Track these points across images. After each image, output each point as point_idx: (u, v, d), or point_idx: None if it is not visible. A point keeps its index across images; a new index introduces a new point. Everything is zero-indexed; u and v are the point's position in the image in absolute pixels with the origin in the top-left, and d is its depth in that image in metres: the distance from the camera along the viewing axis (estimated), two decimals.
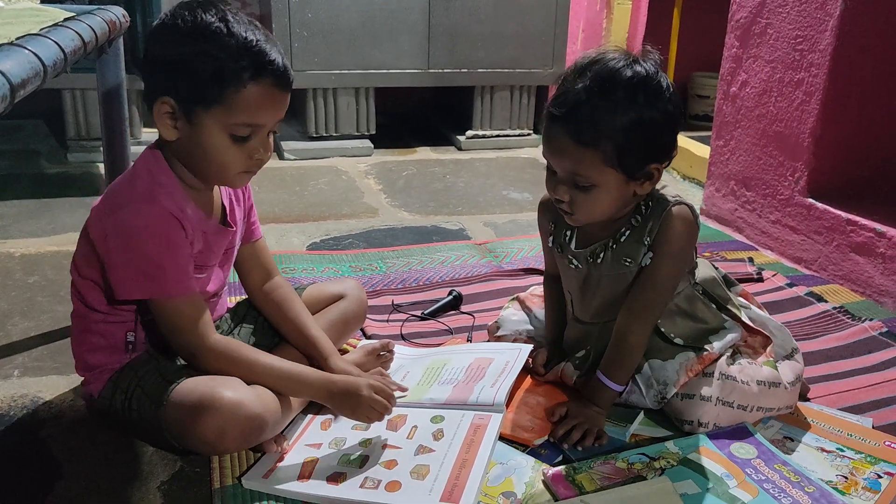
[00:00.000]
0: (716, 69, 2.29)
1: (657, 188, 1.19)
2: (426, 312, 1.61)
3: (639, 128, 1.07)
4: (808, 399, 1.30)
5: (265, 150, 1.08)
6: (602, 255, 1.20)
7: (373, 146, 3.00)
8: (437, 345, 1.47)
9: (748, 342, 1.25)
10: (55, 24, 1.15)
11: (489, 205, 2.44)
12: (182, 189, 1.10)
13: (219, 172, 1.09)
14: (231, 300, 1.38)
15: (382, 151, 3.02)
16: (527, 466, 1.09)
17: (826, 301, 1.71)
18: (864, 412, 1.27)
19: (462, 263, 1.89)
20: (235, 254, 1.24)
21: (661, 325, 1.20)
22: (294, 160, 2.86)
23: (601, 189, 1.11)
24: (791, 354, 1.27)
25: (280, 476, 1.06)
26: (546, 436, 1.15)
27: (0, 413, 1.22)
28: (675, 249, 1.16)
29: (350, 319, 1.38)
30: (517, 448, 1.13)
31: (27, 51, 0.91)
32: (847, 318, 1.63)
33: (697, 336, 1.20)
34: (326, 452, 1.11)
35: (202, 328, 1.09)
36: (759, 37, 2.07)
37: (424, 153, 3.07)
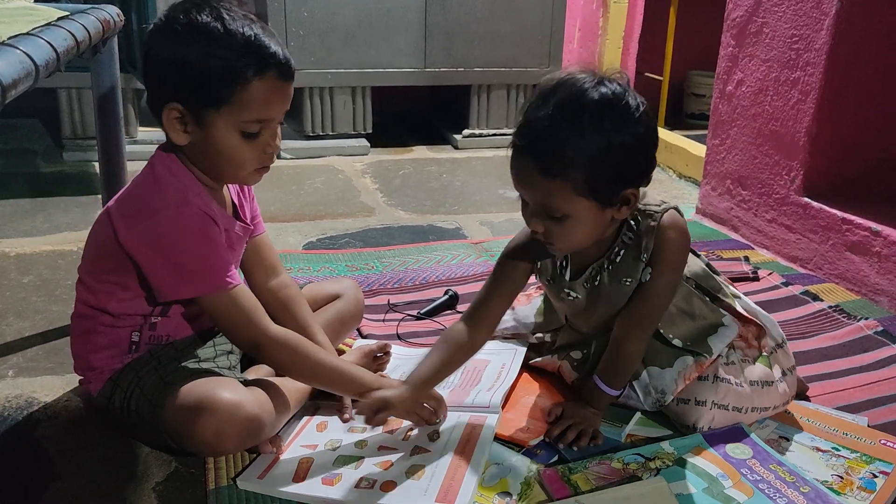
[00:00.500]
0: (712, 68, 2.29)
1: (642, 195, 1.14)
2: (422, 312, 1.60)
3: (608, 154, 1.00)
4: (808, 398, 1.31)
5: (275, 141, 1.09)
6: (599, 277, 1.18)
7: (369, 145, 2.99)
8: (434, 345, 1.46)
9: (742, 334, 1.24)
10: (48, 24, 1.14)
11: (485, 204, 2.44)
12: (205, 189, 1.10)
13: (235, 171, 1.09)
14: None
15: (379, 150, 3.02)
16: (522, 467, 1.09)
17: (822, 300, 1.71)
18: (860, 411, 1.27)
19: (458, 263, 1.88)
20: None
21: (660, 327, 1.19)
22: (290, 159, 2.86)
23: (575, 219, 1.05)
24: (781, 344, 1.26)
25: (275, 477, 1.06)
26: (542, 436, 1.15)
27: None
28: (674, 260, 1.14)
29: (347, 319, 1.38)
30: (513, 448, 1.13)
31: (19, 51, 0.91)
32: (843, 317, 1.63)
33: (696, 336, 1.19)
34: (322, 453, 1.11)
35: (262, 318, 1.09)
36: (755, 36, 2.07)
37: (421, 152, 3.07)
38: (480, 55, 3.02)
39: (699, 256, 1.28)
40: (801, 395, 1.30)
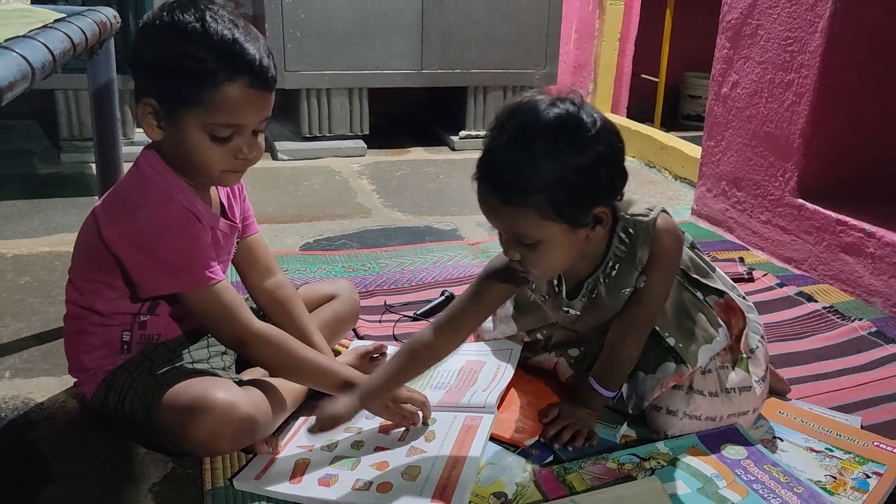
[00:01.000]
0: (708, 69, 2.30)
1: (627, 203, 1.12)
2: (419, 313, 1.61)
3: (566, 178, 0.97)
4: (798, 398, 1.31)
5: (251, 150, 1.07)
6: (597, 291, 1.17)
7: (366, 146, 3.00)
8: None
9: (726, 318, 1.21)
10: (44, 26, 1.14)
11: None
12: (188, 186, 1.10)
13: (202, 171, 1.08)
14: None
15: (376, 152, 3.02)
16: (518, 467, 1.09)
17: (816, 301, 1.72)
18: (853, 412, 1.28)
19: (455, 264, 1.89)
20: (233, 251, 1.24)
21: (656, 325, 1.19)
22: (288, 160, 2.86)
23: (547, 244, 1.02)
24: (760, 343, 1.24)
25: (272, 477, 1.06)
26: (537, 436, 1.16)
27: None
28: (669, 265, 1.14)
29: (343, 319, 1.38)
30: (508, 449, 1.14)
31: (15, 53, 0.91)
32: (837, 318, 1.64)
33: (688, 333, 1.19)
34: (318, 454, 1.11)
35: (245, 314, 1.09)
36: (750, 38, 2.08)
37: (418, 153, 3.07)
38: (477, 57, 3.02)
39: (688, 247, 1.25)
40: (782, 394, 1.30)
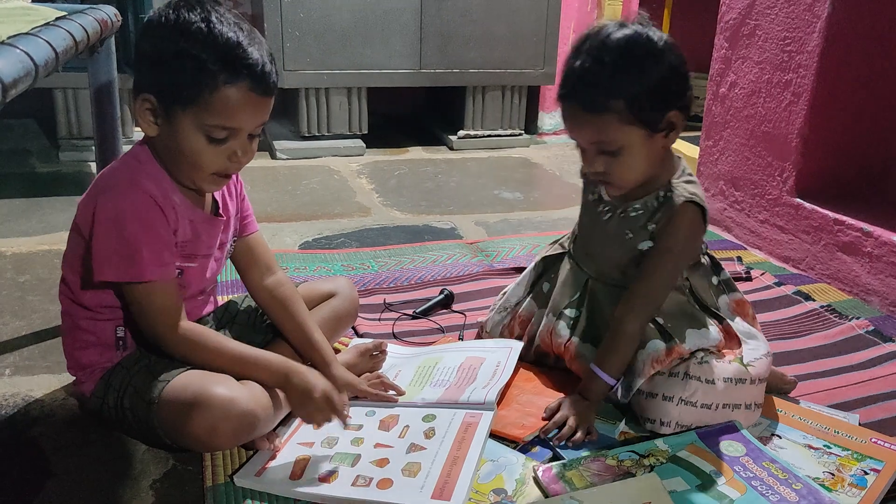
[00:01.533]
0: (706, 69, 2.31)
1: (680, 180, 1.21)
2: (418, 311, 1.61)
3: (643, 83, 1.10)
4: (798, 398, 1.32)
5: (244, 154, 1.08)
6: (611, 215, 1.25)
7: (365, 146, 3.00)
8: (429, 343, 1.47)
9: (719, 347, 1.22)
10: (47, 24, 1.15)
11: (480, 204, 2.45)
12: (169, 179, 1.10)
13: (192, 172, 1.08)
14: (222, 298, 1.38)
15: (374, 151, 3.03)
16: (517, 463, 1.10)
17: (814, 300, 1.73)
18: (851, 409, 1.29)
19: (454, 262, 1.89)
20: (230, 248, 1.24)
21: None
22: (286, 159, 2.86)
23: (628, 149, 1.13)
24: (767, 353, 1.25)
25: (272, 474, 1.07)
26: (537, 433, 1.16)
27: None
28: (676, 245, 1.19)
29: (342, 317, 1.38)
30: (508, 445, 1.14)
31: (19, 50, 0.91)
32: (834, 317, 1.64)
33: (680, 315, 1.21)
34: (318, 451, 1.12)
35: (171, 316, 1.08)
36: (748, 38, 2.08)
37: (416, 153, 3.07)
38: (476, 57, 3.03)
39: (713, 267, 1.29)
40: (786, 393, 1.31)
